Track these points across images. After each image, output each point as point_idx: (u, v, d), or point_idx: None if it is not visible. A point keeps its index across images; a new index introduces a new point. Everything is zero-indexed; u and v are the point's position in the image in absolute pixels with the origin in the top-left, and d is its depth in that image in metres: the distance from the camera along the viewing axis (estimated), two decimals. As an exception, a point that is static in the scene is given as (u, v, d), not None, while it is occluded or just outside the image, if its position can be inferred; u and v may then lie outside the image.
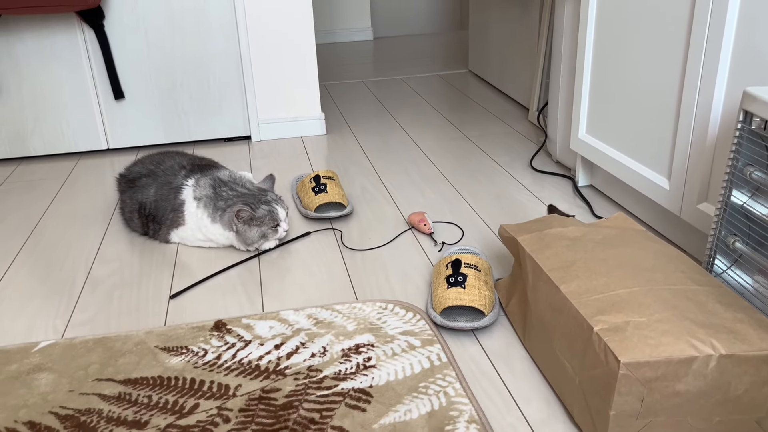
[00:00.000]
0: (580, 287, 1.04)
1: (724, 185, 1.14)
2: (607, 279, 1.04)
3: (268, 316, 1.33)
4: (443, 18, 4.88)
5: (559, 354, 1.05)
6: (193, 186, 1.63)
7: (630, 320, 0.94)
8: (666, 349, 0.89)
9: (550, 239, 1.20)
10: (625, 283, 1.03)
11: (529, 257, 1.16)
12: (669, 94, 1.45)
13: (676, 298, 0.99)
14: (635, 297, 0.99)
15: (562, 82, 1.99)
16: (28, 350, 1.25)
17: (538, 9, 2.49)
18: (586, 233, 1.21)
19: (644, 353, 0.89)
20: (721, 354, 0.88)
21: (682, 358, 0.88)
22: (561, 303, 1.04)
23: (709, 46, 1.29)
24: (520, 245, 1.21)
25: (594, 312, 0.98)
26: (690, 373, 0.89)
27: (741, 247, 1.13)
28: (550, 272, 1.10)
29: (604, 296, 1.01)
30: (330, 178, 1.81)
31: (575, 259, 1.11)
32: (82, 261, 1.60)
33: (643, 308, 0.96)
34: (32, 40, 2.17)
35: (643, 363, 0.88)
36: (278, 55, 2.37)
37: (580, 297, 1.02)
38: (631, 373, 0.89)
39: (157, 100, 2.33)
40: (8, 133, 2.27)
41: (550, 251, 1.16)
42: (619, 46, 1.61)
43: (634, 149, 1.60)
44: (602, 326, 0.95)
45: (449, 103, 2.85)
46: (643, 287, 1.01)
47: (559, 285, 1.06)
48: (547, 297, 1.10)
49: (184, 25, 2.25)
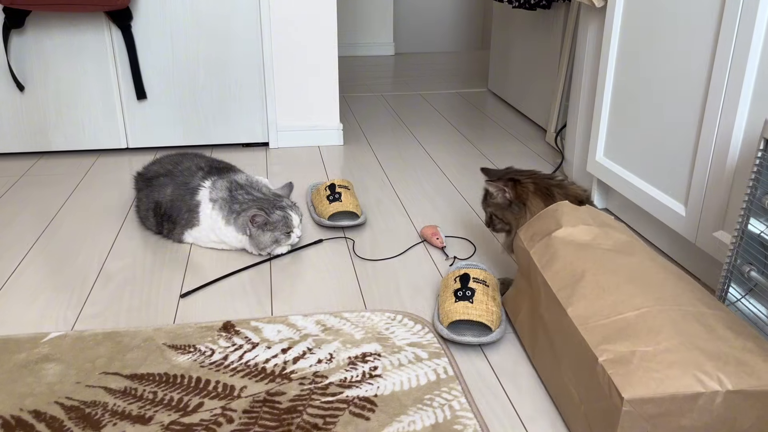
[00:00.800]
0: (588, 309, 1.02)
1: (741, 213, 1.13)
2: (615, 297, 1.02)
3: (277, 320, 1.33)
4: (465, 37, 4.91)
5: (566, 379, 1.04)
6: (209, 188, 1.65)
7: (636, 350, 0.92)
8: (672, 384, 0.87)
9: (558, 246, 1.16)
10: (634, 302, 1.01)
11: (539, 274, 1.15)
12: (689, 121, 1.44)
13: (686, 321, 0.97)
14: (644, 320, 0.97)
15: (581, 104, 1.99)
16: (37, 340, 1.26)
17: (560, 32, 2.50)
18: (596, 236, 1.18)
19: (649, 388, 0.87)
20: (728, 390, 0.86)
21: (688, 394, 0.86)
22: (568, 327, 1.03)
23: (732, 73, 1.29)
24: (531, 260, 1.19)
25: (600, 340, 0.96)
26: (695, 409, 0.87)
27: (756, 276, 1.12)
28: (558, 292, 1.08)
29: (611, 321, 0.98)
30: (345, 188, 1.82)
31: (584, 271, 1.08)
32: (96, 256, 1.62)
33: (651, 335, 0.94)
34: (60, 37, 2.21)
35: (647, 399, 0.86)
36: (300, 64, 2.40)
37: (587, 322, 1.00)
38: (634, 409, 0.87)
39: (179, 102, 2.36)
40: (31, 127, 2.30)
41: (558, 264, 1.13)
42: (640, 70, 1.61)
43: (651, 174, 1.60)
44: (607, 356, 0.92)
45: (467, 121, 2.86)
46: (653, 307, 0.99)
47: (566, 308, 1.04)
48: (556, 318, 1.08)
49: (209, 30, 2.28)
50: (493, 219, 1.42)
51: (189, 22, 2.27)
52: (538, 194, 1.33)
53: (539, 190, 1.34)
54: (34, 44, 2.21)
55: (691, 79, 1.43)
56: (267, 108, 2.42)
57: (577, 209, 1.25)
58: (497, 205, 1.39)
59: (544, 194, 1.33)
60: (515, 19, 2.99)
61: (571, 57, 2.38)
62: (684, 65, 1.45)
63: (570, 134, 2.09)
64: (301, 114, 2.47)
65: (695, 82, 1.41)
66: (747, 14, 1.24)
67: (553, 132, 2.48)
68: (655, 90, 1.56)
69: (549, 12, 2.60)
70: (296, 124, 2.48)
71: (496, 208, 1.40)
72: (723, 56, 1.31)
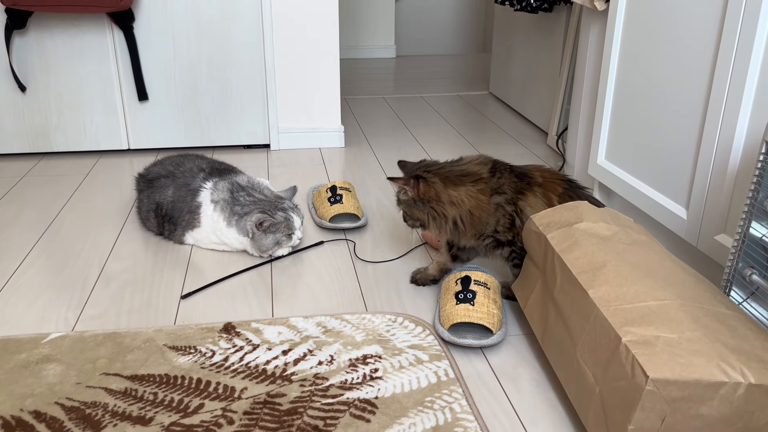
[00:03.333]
0: (609, 294, 1.01)
1: (743, 217, 1.13)
2: (637, 287, 1.01)
3: (278, 322, 1.33)
4: (467, 40, 4.91)
5: (581, 360, 1.02)
6: (211, 189, 1.65)
7: (660, 335, 0.92)
8: (696, 370, 0.87)
9: (579, 236, 1.16)
10: (656, 294, 1.00)
11: (557, 257, 1.14)
12: (691, 124, 1.44)
13: (708, 317, 0.96)
14: (666, 311, 0.96)
15: (583, 107, 1.99)
16: (38, 341, 1.26)
17: (562, 35, 2.50)
18: (617, 233, 1.17)
19: (674, 372, 0.86)
20: (751, 383, 0.86)
21: (712, 381, 0.86)
22: (588, 308, 1.02)
23: (734, 77, 1.29)
24: (549, 244, 1.18)
25: (623, 322, 0.95)
26: (717, 397, 0.87)
27: (758, 280, 1.12)
28: (578, 275, 1.07)
29: (633, 306, 0.98)
30: (346, 190, 1.82)
31: (606, 261, 1.08)
32: (97, 257, 1.62)
33: (674, 324, 0.93)
34: (62, 38, 2.21)
35: (671, 381, 0.86)
36: (302, 66, 2.40)
37: (609, 304, 0.99)
38: (658, 390, 0.86)
39: (180, 103, 2.36)
40: (32, 127, 2.30)
41: (579, 251, 1.12)
42: (642, 73, 1.61)
43: (652, 177, 1.60)
44: (631, 338, 0.92)
45: (468, 123, 2.86)
46: (674, 301, 0.98)
47: (587, 289, 1.03)
48: (574, 300, 1.07)
49: (212, 32, 2.29)
50: (405, 216, 1.42)
51: (191, 24, 2.27)
52: (449, 185, 1.32)
53: (448, 180, 1.33)
54: (36, 45, 2.21)
55: (693, 83, 1.43)
56: (268, 110, 2.42)
57: (596, 209, 1.25)
58: (405, 203, 1.38)
59: (455, 183, 1.33)
60: (517, 22, 3.00)
61: (572, 60, 2.38)
62: (686, 68, 1.45)
63: (571, 137, 2.09)
64: (302, 116, 2.47)
65: (697, 85, 1.41)
66: (749, 18, 1.24)
67: (554, 135, 2.48)
68: (657, 93, 1.56)
69: (550, 15, 2.60)
70: (297, 126, 2.48)
71: (405, 205, 1.39)
72: (725, 60, 1.31)
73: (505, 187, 1.34)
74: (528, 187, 1.34)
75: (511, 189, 1.34)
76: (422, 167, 1.37)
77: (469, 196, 1.32)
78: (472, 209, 1.32)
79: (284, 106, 2.44)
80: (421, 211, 1.35)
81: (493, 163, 1.37)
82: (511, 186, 1.34)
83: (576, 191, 1.36)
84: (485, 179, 1.33)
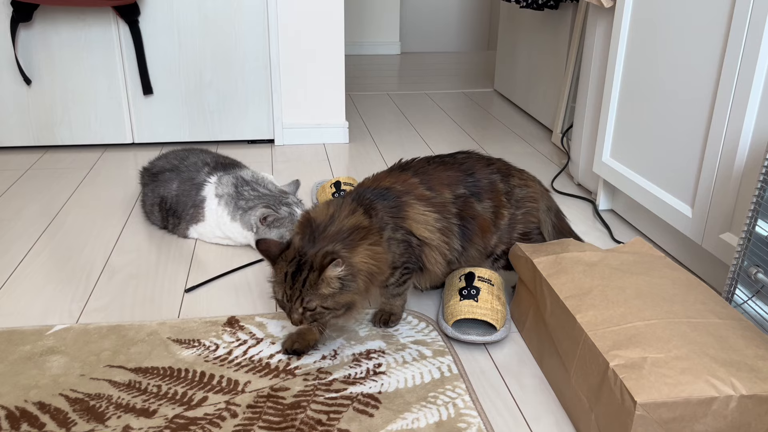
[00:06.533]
0: (597, 317, 1.02)
1: (749, 215, 1.12)
2: (624, 309, 1.02)
3: (281, 316, 1.33)
4: (471, 37, 4.90)
5: (575, 385, 1.03)
6: (215, 183, 1.65)
7: (647, 356, 0.92)
8: (685, 388, 0.86)
9: (566, 263, 1.18)
10: (643, 314, 1.01)
11: (545, 282, 1.15)
12: (697, 122, 1.44)
13: (696, 332, 0.96)
14: (653, 330, 0.97)
15: (588, 105, 1.99)
16: (42, 332, 1.26)
17: (567, 32, 2.50)
18: (604, 258, 1.19)
19: (662, 393, 0.86)
20: (743, 394, 0.86)
21: (702, 398, 0.86)
22: (577, 333, 1.03)
23: (741, 75, 1.28)
24: (536, 269, 1.19)
25: (610, 346, 0.95)
26: (709, 413, 0.86)
27: (763, 278, 1.11)
28: (566, 300, 1.08)
29: (620, 328, 0.98)
30: (350, 185, 1.82)
31: (592, 287, 1.09)
32: (101, 250, 1.62)
33: (661, 343, 0.94)
34: (67, 32, 2.21)
35: (660, 404, 0.86)
36: (306, 62, 2.40)
37: (596, 328, 1.00)
38: (648, 413, 0.86)
39: (185, 98, 2.36)
40: (37, 121, 2.30)
41: (566, 276, 1.14)
42: (648, 70, 1.61)
43: (657, 175, 1.59)
44: (618, 362, 0.92)
45: (472, 120, 2.85)
46: (662, 320, 0.99)
47: (575, 314, 1.04)
48: (563, 324, 1.08)
49: (217, 27, 2.29)
50: (318, 316, 1.11)
51: (196, 18, 2.27)
52: (351, 249, 1.11)
53: (349, 243, 1.12)
54: (41, 38, 2.21)
55: (700, 80, 1.42)
56: (273, 105, 2.42)
57: (582, 244, 1.27)
58: (328, 296, 1.09)
59: (353, 246, 1.11)
60: (522, 19, 2.99)
61: (578, 57, 2.38)
62: (693, 66, 1.44)
63: (576, 135, 2.09)
64: (306, 111, 2.47)
65: (704, 82, 1.41)
66: (757, 15, 1.23)
67: (559, 132, 2.48)
68: (664, 91, 1.56)
69: (556, 12, 2.59)
70: (302, 121, 2.48)
71: (323, 299, 1.08)
72: (732, 57, 1.30)
73: (385, 218, 1.18)
74: (399, 201, 1.21)
75: (389, 215, 1.19)
76: (300, 245, 1.11)
77: (368, 257, 1.12)
78: (372, 269, 1.13)
79: (289, 102, 2.44)
80: (356, 287, 1.11)
81: (358, 203, 1.19)
82: (387, 213, 1.19)
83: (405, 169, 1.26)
84: (368, 227, 1.15)
